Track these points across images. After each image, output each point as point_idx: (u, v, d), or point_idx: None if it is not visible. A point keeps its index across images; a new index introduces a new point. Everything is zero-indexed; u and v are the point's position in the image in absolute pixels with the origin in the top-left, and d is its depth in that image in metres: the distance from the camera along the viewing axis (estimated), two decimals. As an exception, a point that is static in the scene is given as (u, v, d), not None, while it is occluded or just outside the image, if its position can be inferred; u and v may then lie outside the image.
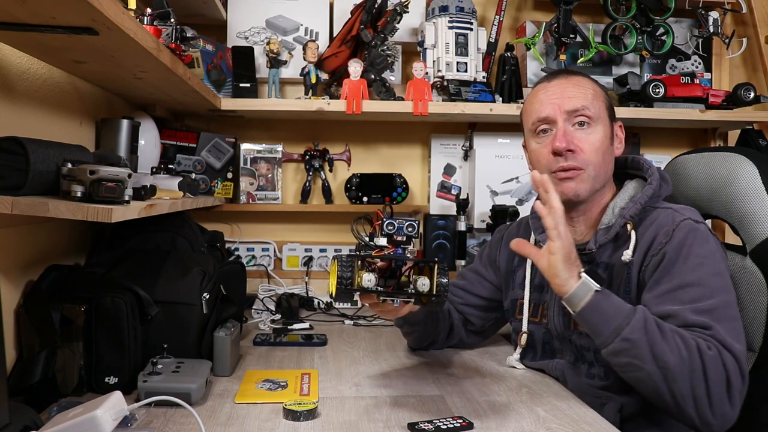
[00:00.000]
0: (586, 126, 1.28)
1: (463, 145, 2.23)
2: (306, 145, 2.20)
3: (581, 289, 1.13)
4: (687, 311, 1.13)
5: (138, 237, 1.53)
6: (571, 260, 1.14)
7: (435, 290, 1.08)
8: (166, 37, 1.36)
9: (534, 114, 1.32)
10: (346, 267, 1.06)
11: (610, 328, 1.11)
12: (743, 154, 1.39)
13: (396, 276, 1.11)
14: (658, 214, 1.26)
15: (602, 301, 1.12)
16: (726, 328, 1.11)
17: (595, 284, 1.13)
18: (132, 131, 1.54)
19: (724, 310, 1.13)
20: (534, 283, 1.41)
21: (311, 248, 2.19)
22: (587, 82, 1.33)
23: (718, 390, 1.07)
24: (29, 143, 1.04)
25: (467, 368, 1.43)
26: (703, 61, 2.22)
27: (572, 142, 1.26)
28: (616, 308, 1.12)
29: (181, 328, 1.31)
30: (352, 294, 1.07)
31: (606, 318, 1.12)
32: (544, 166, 1.30)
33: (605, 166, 1.30)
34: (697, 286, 1.14)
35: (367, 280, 1.06)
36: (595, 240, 1.28)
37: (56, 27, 0.97)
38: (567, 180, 1.27)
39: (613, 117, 1.35)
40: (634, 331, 1.09)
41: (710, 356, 1.07)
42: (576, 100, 1.28)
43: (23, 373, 1.13)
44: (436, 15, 2.03)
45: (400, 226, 1.08)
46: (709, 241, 1.19)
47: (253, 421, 1.09)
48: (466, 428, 1.06)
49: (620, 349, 1.11)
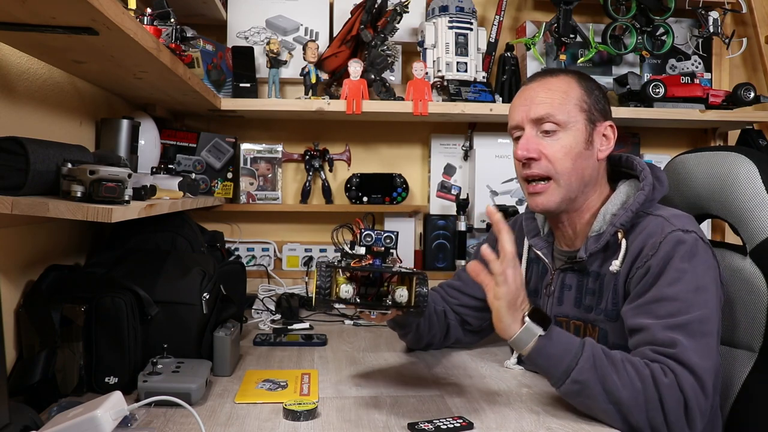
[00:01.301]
0: (552, 134, 1.25)
1: (463, 145, 2.23)
2: (306, 145, 2.20)
3: (525, 334, 1.11)
4: (658, 327, 1.11)
5: (138, 237, 1.53)
6: (516, 306, 1.11)
7: (413, 301, 1.08)
8: (166, 37, 1.36)
9: (509, 120, 1.33)
10: (325, 277, 1.06)
11: (559, 370, 1.11)
12: (743, 154, 1.39)
13: (375, 285, 1.11)
14: (649, 222, 1.22)
15: (547, 345, 1.11)
16: (695, 346, 1.08)
17: (538, 329, 1.11)
18: (132, 131, 1.54)
19: (697, 326, 1.11)
20: (529, 288, 1.40)
21: (311, 248, 2.19)
22: (564, 83, 1.28)
23: (676, 417, 1.06)
24: (29, 143, 1.04)
25: (467, 368, 1.43)
26: (703, 61, 2.22)
27: (536, 149, 1.25)
28: (563, 349, 1.11)
29: (181, 328, 1.31)
30: (330, 304, 1.07)
31: (553, 361, 1.11)
32: (518, 174, 1.31)
33: (579, 171, 1.26)
34: (673, 301, 1.13)
35: (344, 291, 1.07)
36: (586, 248, 1.26)
37: (56, 27, 0.97)
38: (535, 195, 1.27)
39: (599, 117, 1.29)
40: (583, 371, 1.08)
41: (665, 384, 1.05)
42: (542, 107, 1.26)
43: (23, 373, 1.13)
44: (436, 15, 2.03)
45: (378, 238, 1.09)
46: (696, 255, 1.16)
47: (253, 421, 1.09)
48: (466, 428, 1.06)
49: (572, 391, 1.11)
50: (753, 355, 1.32)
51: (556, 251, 1.37)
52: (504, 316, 1.11)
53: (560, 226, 1.33)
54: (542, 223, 1.42)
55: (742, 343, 1.34)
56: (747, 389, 1.33)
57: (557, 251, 1.37)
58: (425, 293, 1.09)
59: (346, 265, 1.10)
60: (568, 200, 1.27)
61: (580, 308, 1.29)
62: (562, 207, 1.28)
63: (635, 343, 1.15)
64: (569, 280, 1.31)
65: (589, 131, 1.27)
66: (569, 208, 1.29)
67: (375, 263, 1.10)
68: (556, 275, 1.34)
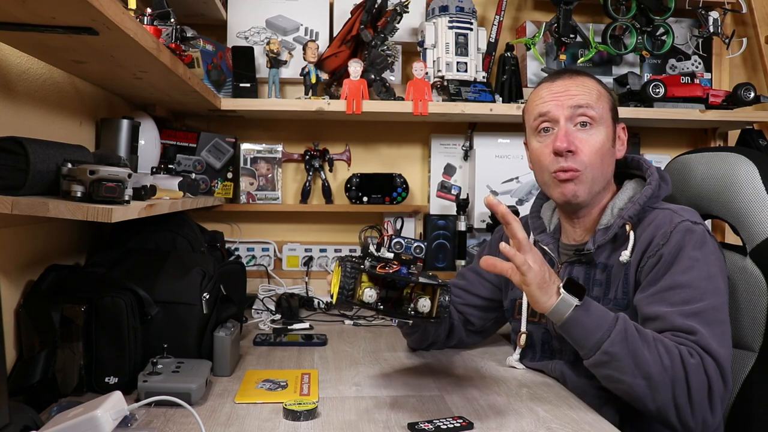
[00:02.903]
0: (588, 127, 1.27)
1: (463, 145, 2.23)
2: (306, 145, 2.20)
3: (562, 305, 1.12)
4: (675, 314, 1.13)
5: (138, 237, 1.53)
6: (546, 283, 1.12)
7: (435, 312, 1.07)
8: (166, 37, 1.36)
9: (536, 110, 1.32)
10: (350, 277, 1.05)
11: (591, 341, 1.12)
12: (743, 154, 1.39)
13: (397, 289, 1.10)
14: (657, 215, 1.26)
15: (582, 315, 1.12)
16: (712, 333, 1.11)
17: (574, 299, 1.12)
18: (132, 131, 1.54)
19: (712, 314, 1.13)
20: None
21: (311, 248, 2.19)
22: (592, 82, 1.32)
23: (700, 398, 1.08)
24: (29, 143, 1.04)
25: (467, 368, 1.43)
26: (703, 61, 2.22)
27: (573, 143, 1.26)
28: (596, 321, 1.12)
29: (181, 328, 1.31)
30: (351, 305, 1.07)
31: (586, 332, 1.12)
32: (545, 166, 1.30)
33: (604, 168, 1.29)
34: (687, 288, 1.15)
35: (368, 295, 1.06)
36: (594, 240, 1.29)
37: (56, 27, 0.97)
38: (566, 182, 1.28)
39: (617, 118, 1.34)
40: (614, 344, 1.10)
41: (693, 364, 1.08)
42: (580, 98, 1.28)
43: (23, 373, 1.13)
44: (436, 15, 2.03)
45: (408, 246, 1.09)
46: (705, 244, 1.19)
47: (253, 421, 1.09)
48: (466, 428, 1.06)
49: (601, 362, 1.12)
50: (753, 355, 1.32)
51: (561, 246, 1.39)
52: (539, 297, 1.12)
53: (575, 221, 1.35)
54: (549, 221, 1.44)
55: (743, 343, 1.34)
56: (747, 389, 1.33)
57: (563, 246, 1.39)
58: (447, 304, 1.08)
59: (371, 267, 1.08)
60: (592, 194, 1.30)
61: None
62: (587, 199, 1.30)
63: (653, 330, 1.16)
64: (576, 272, 1.32)
65: (614, 130, 1.32)
66: (591, 202, 1.32)
67: (401, 271, 1.08)
68: (563, 269, 1.35)
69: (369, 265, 1.09)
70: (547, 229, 1.43)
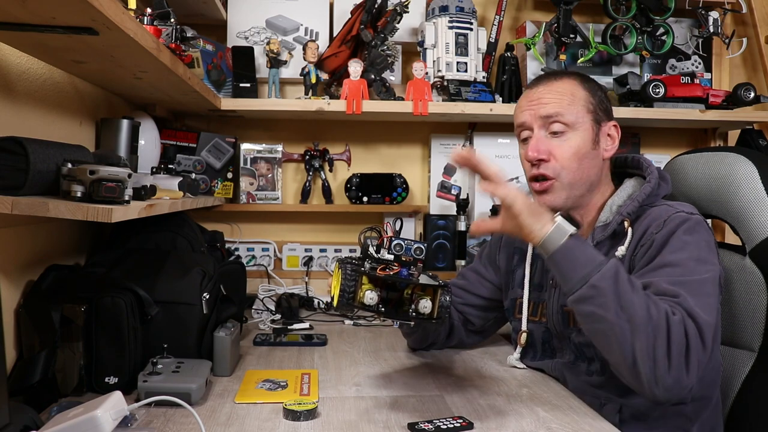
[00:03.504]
0: (560, 134, 1.29)
1: (463, 145, 2.23)
2: (306, 145, 2.20)
3: (557, 232, 1.11)
4: (661, 282, 1.13)
5: (138, 237, 1.53)
6: (538, 210, 1.13)
7: (436, 312, 1.07)
8: (166, 37, 1.36)
9: (517, 119, 1.36)
10: (350, 279, 1.04)
11: (580, 273, 1.10)
12: (743, 154, 1.39)
13: (398, 290, 1.10)
14: (653, 211, 1.26)
15: (576, 245, 1.11)
16: (696, 301, 1.09)
17: (570, 227, 1.12)
18: (132, 131, 1.54)
19: (698, 285, 1.12)
20: (533, 282, 1.42)
21: (311, 248, 2.19)
22: (568, 86, 1.32)
23: (678, 352, 1.04)
24: (29, 143, 1.04)
25: (467, 368, 1.43)
26: (703, 61, 2.22)
27: (545, 150, 1.28)
28: (589, 255, 1.11)
29: (181, 328, 1.31)
30: (352, 308, 1.06)
31: (577, 264, 1.10)
32: (526, 173, 1.34)
33: (584, 171, 1.29)
34: (677, 267, 1.15)
35: (369, 297, 1.05)
36: (593, 237, 1.29)
37: (56, 27, 0.97)
38: (542, 193, 1.30)
39: (604, 118, 1.33)
40: (603, 279, 1.07)
41: (674, 320, 1.05)
42: (550, 107, 1.29)
43: (23, 373, 1.13)
44: (436, 15, 2.03)
45: (408, 248, 1.09)
46: (699, 231, 1.20)
47: (253, 421, 1.09)
48: (466, 428, 1.06)
49: (586, 296, 1.09)
50: (753, 355, 1.32)
51: None
52: (532, 224, 1.12)
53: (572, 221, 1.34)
54: None
55: (742, 343, 1.34)
56: (747, 389, 1.33)
57: None
58: (448, 304, 1.09)
59: (371, 269, 1.08)
60: (574, 198, 1.31)
61: None
62: (568, 204, 1.31)
63: None
64: None
65: (595, 131, 1.31)
66: (578, 204, 1.33)
67: (402, 272, 1.08)
68: None
69: (369, 267, 1.09)
70: None
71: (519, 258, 1.47)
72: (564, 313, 1.32)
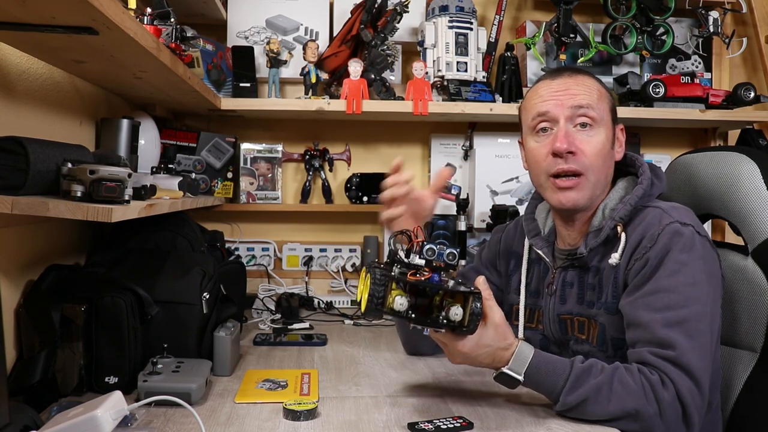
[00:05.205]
0: (588, 128, 1.23)
1: (463, 145, 2.23)
2: (306, 144, 2.20)
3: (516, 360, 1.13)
4: (656, 323, 1.11)
5: (138, 237, 1.53)
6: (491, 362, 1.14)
7: (467, 320, 1.05)
8: (166, 36, 1.36)
9: (534, 109, 1.27)
10: (379, 284, 1.01)
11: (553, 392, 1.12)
12: (745, 154, 1.39)
13: (428, 296, 1.07)
14: (647, 214, 1.21)
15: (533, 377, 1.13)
16: (692, 345, 1.09)
17: (516, 377, 1.12)
18: (132, 131, 1.54)
19: (694, 324, 1.10)
20: (530, 288, 1.39)
21: (311, 248, 2.19)
22: (593, 81, 1.27)
23: (676, 425, 1.07)
24: (29, 143, 1.04)
25: (467, 368, 1.42)
26: (703, 61, 2.22)
27: (573, 143, 1.21)
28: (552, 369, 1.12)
29: (181, 328, 1.31)
30: (381, 313, 1.03)
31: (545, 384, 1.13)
32: (542, 168, 1.26)
33: (605, 171, 1.25)
34: (671, 293, 1.12)
35: (399, 303, 1.02)
36: (586, 244, 1.25)
37: (56, 27, 0.97)
38: (567, 189, 1.23)
39: (616, 120, 1.30)
40: (575, 391, 1.10)
41: (667, 401, 1.06)
42: (581, 98, 1.23)
43: (23, 373, 1.13)
44: (436, 15, 2.03)
45: (440, 253, 1.05)
46: (693, 247, 1.15)
47: (253, 420, 1.09)
48: (466, 428, 1.06)
49: (570, 407, 1.11)
50: (755, 356, 1.32)
51: (557, 251, 1.36)
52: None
53: (572, 225, 1.31)
54: (543, 223, 1.41)
55: (744, 344, 1.34)
56: (749, 389, 1.33)
57: (558, 251, 1.35)
58: (479, 312, 1.05)
59: (401, 274, 1.05)
60: (594, 198, 1.25)
61: (583, 304, 1.27)
62: (587, 204, 1.25)
63: (634, 338, 1.14)
64: (570, 277, 1.30)
65: (613, 131, 1.27)
66: (590, 206, 1.27)
67: (433, 278, 1.05)
68: (558, 274, 1.32)
69: (399, 272, 1.05)
70: (541, 232, 1.39)
71: (515, 263, 1.44)
72: (561, 321, 1.30)
